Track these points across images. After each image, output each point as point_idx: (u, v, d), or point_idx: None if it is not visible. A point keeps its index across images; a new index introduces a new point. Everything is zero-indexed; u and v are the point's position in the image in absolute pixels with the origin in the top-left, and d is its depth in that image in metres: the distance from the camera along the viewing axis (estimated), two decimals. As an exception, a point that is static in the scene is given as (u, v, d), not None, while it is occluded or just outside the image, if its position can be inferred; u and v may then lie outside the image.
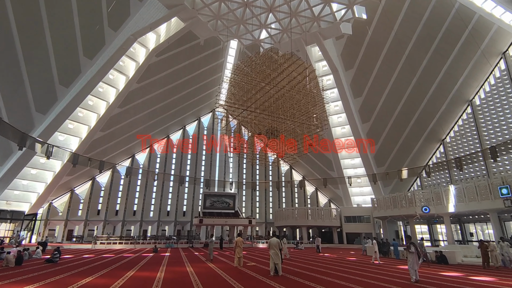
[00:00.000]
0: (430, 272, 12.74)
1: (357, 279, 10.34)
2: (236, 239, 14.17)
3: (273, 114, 18.69)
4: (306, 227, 40.50)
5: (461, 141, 33.82)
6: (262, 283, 9.23)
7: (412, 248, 10.31)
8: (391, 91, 32.96)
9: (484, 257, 14.51)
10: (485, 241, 15.31)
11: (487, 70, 30.67)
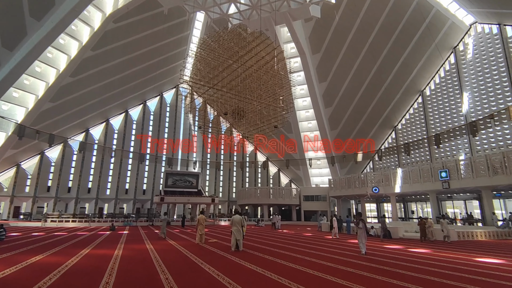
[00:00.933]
0: (376, 245, 14.09)
1: (311, 252, 11.10)
2: (198, 217, 14.27)
3: (240, 94, 18.52)
4: (267, 205, 41.93)
5: (411, 128, 36.76)
6: (223, 258, 9.51)
7: (361, 224, 11.26)
8: (353, 78, 34.30)
9: (421, 232, 16.36)
10: (423, 218, 17.25)
11: (438, 63, 33.19)
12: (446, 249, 12.77)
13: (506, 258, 10.18)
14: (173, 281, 6.30)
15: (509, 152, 21.65)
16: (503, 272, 7.75)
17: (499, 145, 26.85)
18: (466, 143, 29.72)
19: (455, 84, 31.82)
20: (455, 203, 31.51)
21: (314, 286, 5.92)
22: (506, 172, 21.14)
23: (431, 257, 10.22)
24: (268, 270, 7.48)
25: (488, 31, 28.72)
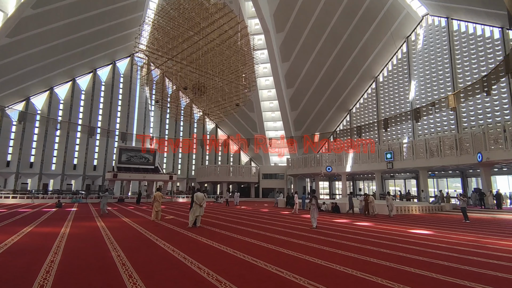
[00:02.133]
0: (326, 219, 15.17)
1: (267, 227, 11.59)
2: (155, 193, 13.93)
3: (200, 68, 17.80)
4: (227, 183, 42.33)
5: (364, 112, 39.10)
6: (180, 234, 9.50)
7: (313, 201, 11.98)
8: (315, 60, 34.91)
9: (365, 207, 17.94)
10: (366, 194, 18.87)
11: (392, 51, 35.17)
12: (386, 222, 14.25)
13: (434, 230, 11.69)
14: (125, 257, 6.16)
15: (444, 137, 24.28)
16: (431, 241, 8.90)
17: (437, 130, 29.93)
18: (410, 128, 32.60)
19: (405, 72, 34.17)
20: (397, 182, 34.91)
21: (268, 259, 6.22)
22: (440, 155, 23.79)
23: (372, 229, 11.33)
24: (224, 244, 7.67)
25: (438, 24, 30.93)
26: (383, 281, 4.71)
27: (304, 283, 4.58)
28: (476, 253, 7.16)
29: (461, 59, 28.50)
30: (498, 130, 19.92)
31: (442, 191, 26.20)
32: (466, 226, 12.99)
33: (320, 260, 6.07)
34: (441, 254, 6.96)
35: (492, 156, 19.65)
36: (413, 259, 6.35)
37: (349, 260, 6.21)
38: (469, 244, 8.33)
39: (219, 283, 4.51)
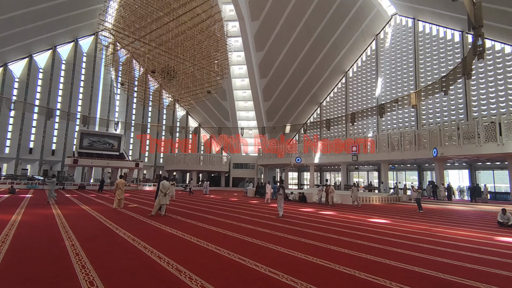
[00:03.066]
0: (293, 208, 15.54)
1: (234, 216, 11.61)
2: (117, 181, 13.33)
3: (170, 52, 17.02)
4: (196, 171, 41.71)
5: (333, 105, 40.23)
6: (142, 223, 9.19)
7: (281, 191, 12.18)
8: (288, 52, 34.99)
9: (326, 197, 18.50)
10: (328, 184, 19.54)
11: (362, 48, 36.25)
12: (349, 211, 14.91)
13: (391, 219, 12.44)
14: (80, 247, 5.81)
15: (404, 133, 25.75)
16: (387, 230, 9.45)
17: (399, 126, 31.67)
18: (375, 123, 34.15)
19: (373, 69, 35.49)
20: (360, 174, 36.64)
21: (231, 247, 6.21)
22: (400, 149, 25.25)
23: (335, 218, 11.80)
24: (188, 233, 7.54)
25: (405, 24, 32.29)
26: (340, 268, 4.90)
27: (265, 271, 4.62)
28: (427, 240, 7.72)
29: (424, 59, 30.13)
30: (453, 128, 21.49)
31: (397, 183, 27.95)
32: (420, 215, 13.99)
33: (283, 248, 6.18)
34: (396, 241, 7.42)
35: (446, 151, 21.23)
36: (370, 247, 6.70)
37: (310, 247, 6.39)
38: (421, 233, 8.97)
39: (179, 273, 4.41)
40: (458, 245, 7.17)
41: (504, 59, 24.10)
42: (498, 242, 7.78)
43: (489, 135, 19.01)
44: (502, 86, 24.03)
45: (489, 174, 25.38)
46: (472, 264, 5.43)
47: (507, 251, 6.72)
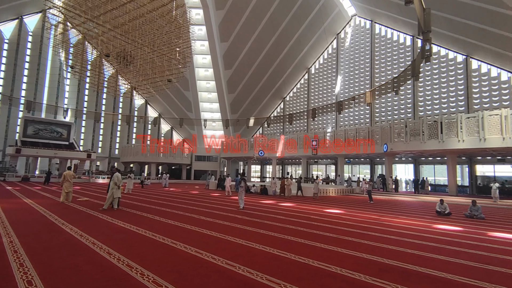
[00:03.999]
0: (255, 200, 15.71)
1: (193, 208, 11.39)
2: (65, 173, 12.29)
3: (127, 35, 15.91)
4: (156, 163, 40.15)
5: (296, 101, 41.20)
6: (92, 217, 8.60)
7: (242, 183, 12.22)
8: (253, 44, 34.88)
9: (281, 189, 18.94)
10: (284, 177, 20.02)
11: (324, 45, 37.43)
12: (307, 203, 15.48)
13: (345, 209, 13.16)
14: (19, 243, 5.26)
15: (359, 129, 27.31)
16: (341, 220, 9.99)
17: (355, 122, 33.50)
18: (333, 118, 35.72)
19: (333, 67, 36.91)
20: (319, 167, 38.22)
21: (189, 241, 6.08)
22: (356, 144, 26.76)
23: (294, 210, 12.17)
24: (143, 227, 7.22)
25: (363, 25, 33.94)
26: (296, 257, 5.05)
27: (222, 263, 4.59)
28: (375, 229, 8.31)
29: (379, 60, 32.06)
30: (401, 126, 23.28)
31: (349, 177, 29.71)
32: (370, 206, 15.01)
33: (241, 240, 6.20)
34: (348, 230, 7.86)
35: (395, 147, 22.97)
36: (324, 236, 7.01)
37: (268, 238, 6.50)
38: (371, 222, 9.62)
39: (130, 269, 4.19)
40: (402, 233, 7.82)
41: (447, 64, 26.55)
42: (436, 230, 8.64)
43: (432, 133, 20.93)
44: (445, 89, 26.51)
45: (431, 168, 28.07)
46: (413, 250, 5.95)
47: (443, 237, 7.49)
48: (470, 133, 18.99)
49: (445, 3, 20.97)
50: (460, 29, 22.64)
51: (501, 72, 23.00)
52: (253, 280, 3.92)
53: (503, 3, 17.21)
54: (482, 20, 19.97)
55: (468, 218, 11.31)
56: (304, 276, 4.13)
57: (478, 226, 9.41)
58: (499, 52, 21.48)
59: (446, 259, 5.35)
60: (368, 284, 3.94)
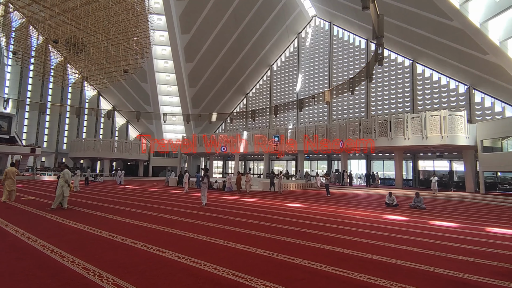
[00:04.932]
0: (218, 197, 15.60)
1: (153, 206, 10.97)
2: (7, 169, 11.04)
3: (78, 21, 14.59)
4: (109, 159, 37.73)
5: (259, 97, 41.57)
6: (39, 218, 7.85)
7: (205, 179, 12.06)
8: (216, 38, 34.29)
9: (238, 185, 18.93)
10: (242, 173, 20.16)
11: (286, 44, 38.20)
12: (270, 198, 15.80)
13: (305, 203, 13.70)
14: None
15: (318, 126, 28.51)
16: (301, 213, 10.39)
17: (315, 120, 34.88)
18: (295, 115, 36.78)
19: (295, 65, 37.90)
20: (281, 163, 39.15)
21: (149, 239, 5.86)
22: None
23: (257, 205, 12.35)
24: (98, 227, 6.79)
25: (323, 26, 35.29)
26: (260, 251, 5.16)
27: (187, 261, 4.52)
28: (333, 221, 8.80)
29: (337, 61, 33.66)
30: (356, 124, 24.80)
31: (307, 172, 30.98)
32: (328, 199, 15.84)
33: (205, 237, 6.15)
34: (308, 223, 8.22)
35: (349, 143, 24.41)
36: (287, 229, 7.25)
37: (233, 234, 6.54)
38: (329, 214, 10.16)
39: (86, 271, 3.93)
40: (357, 224, 8.40)
41: (396, 67, 28.80)
42: (386, 220, 9.42)
43: (382, 131, 22.64)
44: (394, 90, 28.77)
45: (381, 163, 30.39)
46: (367, 239, 6.43)
47: (392, 227, 8.20)
48: (414, 132, 20.90)
49: (395, 10, 22.66)
50: (408, 35, 24.67)
51: (441, 77, 25.60)
52: (219, 276, 3.94)
53: (445, 14, 19.13)
54: (427, 29, 22.00)
55: (413, 208, 12.51)
56: (269, 270, 4.25)
57: (421, 216, 10.47)
58: (440, 59, 23.86)
59: (396, 246, 5.89)
60: (328, 273, 4.19)
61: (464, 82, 24.05)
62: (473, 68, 21.52)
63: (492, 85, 21.38)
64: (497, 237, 7.14)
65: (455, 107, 24.14)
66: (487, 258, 5.17)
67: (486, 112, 22.90)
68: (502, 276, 4.26)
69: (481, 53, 19.17)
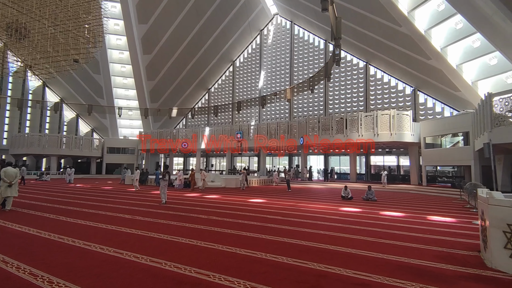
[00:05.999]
0: (178, 194, 15.21)
1: (108, 206, 10.36)
2: None
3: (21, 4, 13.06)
4: (57, 156, 34.62)
5: (221, 92, 41.17)
6: (-27, 224, 6.97)
7: (166, 177, 11.68)
8: (176, 30, 33.08)
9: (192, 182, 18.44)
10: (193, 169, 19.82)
11: (248, 40, 38.25)
12: (233, 194, 15.81)
13: (266, 198, 13.97)
14: None
15: (280, 123, 29.15)
16: (264, 208, 10.59)
17: (277, 116, 35.57)
18: (257, 112, 37.12)
19: (257, 62, 38.17)
20: (243, 159, 39.34)
21: (105, 241, 5.55)
22: (277, 137, 28.51)
23: (219, 201, 12.30)
24: (46, 230, 6.23)
25: (284, 25, 35.97)
26: (223, 248, 5.17)
27: (146, 261, 4.37)
28: (293, 214, 9.12)
29: (298, 59, 34.61)
30: (315, 121, 25.81)
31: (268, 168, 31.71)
32: (288, 194, 16.34)
33: (166, 236, 5.98)
34: (270, 218, 8.41)
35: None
36: (249, 225, 7.35)
37: (194, 232, 6.45)
38: (290, 208, 10.50)
39: (34, 277, 3.61)
40: (315, 217, 8.81)
41: (352, 68, 30.48)
42: (342, 212, 10.01)
43: (339, 128, 23.87)
44: (350, 90, 30.46)
45: (337, 159, 32.07)
46: (325, 231, 6.79)
47: (347, 218, 8.74)
48: (367, 129, 22.39)
49: (352, 14, 23.91)
50: (362, 38, 26.22)
51: (391, 78, 27.70)
52: (181, 274, 3.88)
53: (395, 20, 20.68)
54: (379, 33, 23.58)
55: (365, 200, 13.45)
56: (232, 265, 4.29)
57: (373, 207, 11.31)
58: (390, 62, 25.79)
59: (350, 236, 6.30)
60: (290, 265, 4.35)
61: (410, 84, 26.32)
62: (418, 71, 23.61)
63: (434, 87, 23.69)
64: (436, 225, 8.00)
65: (403, 107, 26.32)
66: (428, 244, 5.78)
67: (428, 112, 25.33)
68: (441, 259, 4.80)
69: (425, 58, 21.10)
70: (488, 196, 4.56)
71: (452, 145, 20.82)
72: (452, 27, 18.43)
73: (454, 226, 7.82)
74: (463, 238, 6.35)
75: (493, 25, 14.69)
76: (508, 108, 12.34)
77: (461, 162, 19.03)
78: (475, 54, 18.01)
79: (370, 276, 3.95)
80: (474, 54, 18.08)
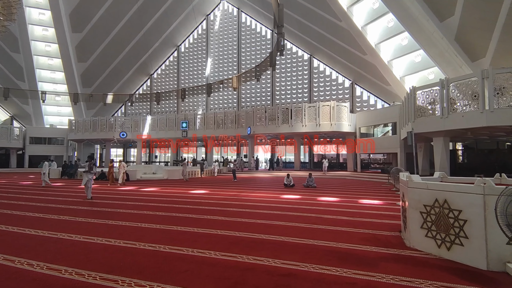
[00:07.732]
0: (111, 188, 13.83)
1: (20, 203, 8.83)
2: None
3: None
4: (-39, 148, 29.09)
5: (165, 79, 38.80)
6: None
7: (93, 169, 10.43)
8: (111, 8, 29.78)
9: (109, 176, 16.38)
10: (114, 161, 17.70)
11: (194, 25, 36.44)
12: (174, 186, 14.96)
13: (210, 189, 13.51)
14: None
15: (228, 112, 28.65)
16: (203, 199, 10.12)
17: (224, 105, 34.89)
18: (204, 101, 35.94)
19: (203, 48, 36.69)
20: (190, 149, 37.97)
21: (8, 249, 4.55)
22: (224, 126, 27.97)
23: (157, 194, 11.46)
24: None
25: (231, 12, 35.05)
26: (146, 246, 4.62)
27: (42, 268, 3.62)
28: (235, 204, 8.85)
29: (245, 47, 34.14)
30: (262, 111, 25.90)
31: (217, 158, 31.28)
32: (233, 184, 16.10)
33: (78, 236, 5.17)
34: (208, 209, 8.01)
35: (256, 130, 25.41)
36: (183, 218, 6.85)
37: (116, 229, 5.74)
38: (232, 198, 10.22)
39: None
40: (256, 205, 8.67)
41: (297, 60, 31.16)
42: (282, 199, 10.07)
43: (284, 118, 24.32)
44: (295, 81, 31.19)
45: (283, 148, 32.88)
46: (261, 220, 6.63)
47: (286, 205, 8.77)
48: (310, 120, 23.20)
49: (296, 5, 24.18)
50: (306, 31, 26.84)
51: (332, 71, 29.05)
52: (82, 282, 3.25)
53: (335, 14, 21.48)
54: (322, 26, 24.35)
55: (306, 187, 13.87)
56: (150, 265, 3.79)
57: (312, 193, 11.66)
58: (331, 55, 26.94)
59: (286, 224, 6.24)
60: (217, 260, 4.02)
61: (349, 77, 27.93)
62: (355, 65, 25.10)
63: (369, 81, 25.47)
64: (366, 207, 8.49)
65: (342, 99, 27.87)
66: (357, 227, 5.99)
67: (363, 104, 27.27)
68: (367, 241, 4.95)
69: (361, 53, 22.45)
70: (407, 179, 4.80)
71: (383, 135, 22.75)
72: (384, 25, 19.83)
73: (380, 208, 8.38)
74: (388, 219, 6.77)
75: (418, 25, 16.12)
76: (429, 101, 13.72)
77: (389, 150, 20.94)
78: (404, 51, 19.70)
79: (297, 264, 3.83)
80: (403, 51, 19.77)
